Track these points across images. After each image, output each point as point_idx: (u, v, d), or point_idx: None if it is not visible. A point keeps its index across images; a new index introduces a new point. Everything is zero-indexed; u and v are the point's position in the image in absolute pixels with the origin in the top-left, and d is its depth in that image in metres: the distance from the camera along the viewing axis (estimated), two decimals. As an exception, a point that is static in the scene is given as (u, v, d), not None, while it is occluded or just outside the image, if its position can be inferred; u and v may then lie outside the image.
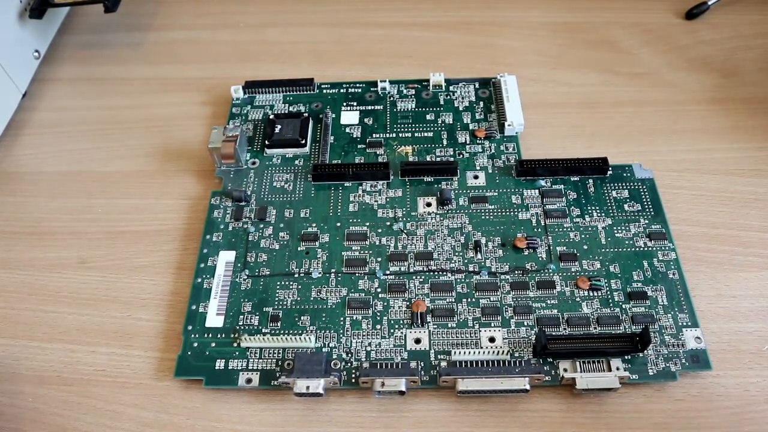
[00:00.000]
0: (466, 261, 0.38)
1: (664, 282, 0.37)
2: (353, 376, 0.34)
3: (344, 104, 0.47)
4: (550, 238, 0.39)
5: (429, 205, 0.41)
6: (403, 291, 0.37)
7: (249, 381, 0.35)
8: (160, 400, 0.35)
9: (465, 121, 0.45)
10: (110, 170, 0.46)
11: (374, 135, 0.45)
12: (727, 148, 0.44)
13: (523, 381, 0.33)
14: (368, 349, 0.35)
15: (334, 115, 0.46)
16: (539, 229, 0.40)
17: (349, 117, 0.46)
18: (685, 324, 0.35)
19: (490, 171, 0.43)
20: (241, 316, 0.37)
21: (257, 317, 0.37)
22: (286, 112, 0.47)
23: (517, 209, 0.40)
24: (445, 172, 0.42)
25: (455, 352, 0.34)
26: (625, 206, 0.40)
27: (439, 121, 0.46)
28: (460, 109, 0.46)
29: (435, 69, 0.48)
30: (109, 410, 0.35)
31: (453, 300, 0.37)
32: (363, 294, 0.37)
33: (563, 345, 0.34)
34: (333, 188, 0.42)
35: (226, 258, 0.39)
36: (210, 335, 0.36)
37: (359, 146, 0.45)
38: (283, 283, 0.38)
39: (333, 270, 0.39)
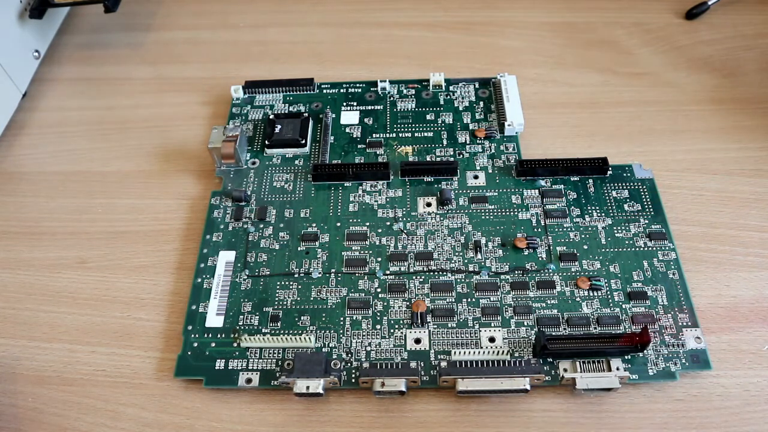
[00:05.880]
0: (466, 261, 0.38)
1: (664, 282, 0.37)
2: (353, 376, 0.34)
3: (344, 104, 0.47)
4: (550, 238, 0.39)
5: (429, 205, 0.41)
6: (403, 291, 0.37)
7: (249, 381, 0.35)
8: (160, 400, 0.35)
9: (465, 121, 0.45)
10: (110, 170, 0.46)
11: (374, 135, 0.45)
12: (727, 148, 0.44)
13: (523, 381, 0.33)
14: (368, 349, 0.35)
15: (334, 115, 0.46)
16: (539, 229, 0.40)
17: (349, 117, 0.46)
18: (685, 324, 0.35)
19: (490, 171, 0.43)
20: (241, 316, 0.37)
21: (257, 317, 0.37)
22: (286, 112, 0.47)
23: (517, 209, 0.40)
24: (445, 172, 0.42)
25: (455, 352, 0.34)
26: (625, 206, 0.40)
27: (439, 121, 0.46)
28: (460, 109, 0.46)
29: (435, 69, 0.48)
30: (109, 410, 0.35)
31: (453, 300, 0.37)
32: (363, 294, 0.37)
33: (563, 345, 0.34)
34: (333, 188, 0.42)
35: (226, 258, 0.39)
36: (210, 335, 0.36)
37: (359, 146, 0.45)
38: (283, 283, 0.38)
39: (333, 270, 0.39)
